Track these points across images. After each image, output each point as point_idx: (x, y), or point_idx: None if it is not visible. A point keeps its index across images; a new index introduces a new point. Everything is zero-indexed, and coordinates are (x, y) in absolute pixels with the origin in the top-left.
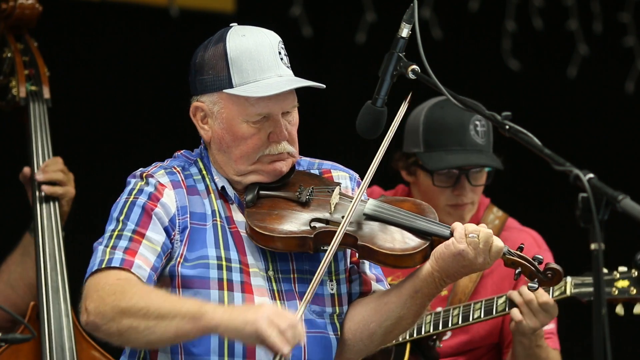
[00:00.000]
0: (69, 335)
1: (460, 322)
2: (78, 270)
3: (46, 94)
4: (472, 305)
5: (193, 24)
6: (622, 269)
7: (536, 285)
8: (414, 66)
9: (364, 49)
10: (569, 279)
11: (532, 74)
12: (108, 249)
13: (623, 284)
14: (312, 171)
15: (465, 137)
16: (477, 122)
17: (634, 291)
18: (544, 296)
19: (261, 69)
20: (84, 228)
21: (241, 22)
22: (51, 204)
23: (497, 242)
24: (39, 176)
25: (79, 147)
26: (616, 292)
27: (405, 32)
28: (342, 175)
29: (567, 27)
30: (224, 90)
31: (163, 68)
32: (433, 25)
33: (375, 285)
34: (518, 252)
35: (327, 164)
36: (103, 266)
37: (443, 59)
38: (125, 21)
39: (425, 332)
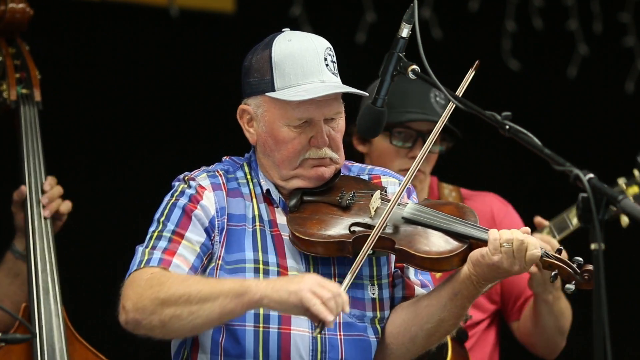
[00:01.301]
0: (59, 335)
1: None
2: (69, 270)
3: (37, 96)
4: None
5: (193, 24)
6: (622, 179)
7: (573, 287)
8: (414, 66)
9: (364, 49)
10: (564, 214)
11: (532, 74)
12: (147, 250)
13: (634, 190)
14: (361, 177)
15: (427, 103)
16: (437, 93)
17: None
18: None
19: (304, 74)
20: (75, 230)
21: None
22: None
23: (532, 249)
24: (46, 212)
25: (74, 150)
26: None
27: (405, 32)
28: (391, 181)
29: (567, 27)
30: (266, 94)
31: (163, 68)
32: (433, 25)
33: (418, 291)
34: (556, 255)
35: (378, 169)
36: (142, 267)
37: (443, 59)
38: (125, 21)
39: None
